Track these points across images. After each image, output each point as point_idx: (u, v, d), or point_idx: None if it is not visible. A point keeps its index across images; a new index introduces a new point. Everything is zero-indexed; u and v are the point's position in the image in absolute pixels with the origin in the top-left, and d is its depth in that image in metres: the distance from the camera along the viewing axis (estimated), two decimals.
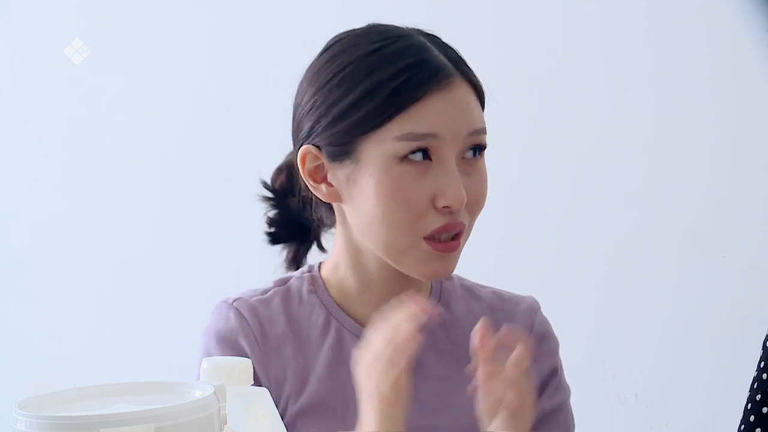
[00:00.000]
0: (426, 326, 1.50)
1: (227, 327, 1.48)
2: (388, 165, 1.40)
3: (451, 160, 1.41)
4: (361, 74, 1.41)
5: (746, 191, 2.54)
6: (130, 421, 0.88)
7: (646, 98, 2.59)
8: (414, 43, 1.44)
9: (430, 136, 1.39)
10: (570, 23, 2.63)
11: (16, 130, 3.00)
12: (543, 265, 2.65)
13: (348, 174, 1.43)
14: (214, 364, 1.10)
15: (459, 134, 1.41)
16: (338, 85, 1.42)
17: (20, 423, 0.90)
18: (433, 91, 1.40)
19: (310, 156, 1.46)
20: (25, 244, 3.00)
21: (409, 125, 1.39)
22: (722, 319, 2.55)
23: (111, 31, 2.92)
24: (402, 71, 1.40)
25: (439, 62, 1.42)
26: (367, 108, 1.40)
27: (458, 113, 1.41)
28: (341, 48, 1.46)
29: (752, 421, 1.55)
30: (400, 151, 1.39)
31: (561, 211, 2.64)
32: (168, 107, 2.89)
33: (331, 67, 1.44)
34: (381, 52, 1.42)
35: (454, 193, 1.40)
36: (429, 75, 1.41)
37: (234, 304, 1.50)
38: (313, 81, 1.46)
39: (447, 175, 1.40)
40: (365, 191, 1.41)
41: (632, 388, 2.60)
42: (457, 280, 1.58)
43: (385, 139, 1.40)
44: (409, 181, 1.40)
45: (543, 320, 1.57)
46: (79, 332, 2.95)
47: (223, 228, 2.85)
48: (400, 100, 1.39)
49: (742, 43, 2.51)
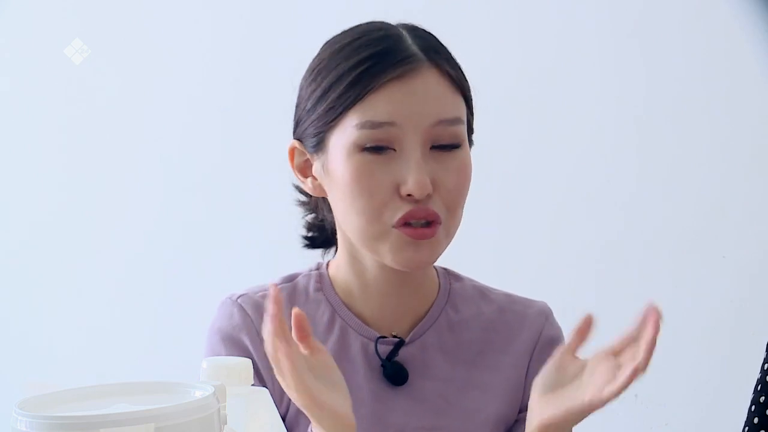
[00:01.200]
0: (434, 327, 1.50)
1: (230, 324, 1.49)
2: (351, 153, 1.41)
3: (414, 149, 1.40)
4: (330, 67, 1.44)
5: (746, 191, 2.54)
6: (130, 421, 0.88)
7: (645, 98, 2.59)
8: (385, 35, 1.45)
9: (388, 124, 1.40)
10: (565, 23, 2.63)
11: (16, 130, 3.00)
12: (542, 265, 2.65)
13: (323, 164, 1.45)
14: (214, 364, 1.10)
15: (422, 123, 1.41)
16: (314, 80, 1.46)
17: (20, 423, 0.90)
18: (393, 79, 1.40)
19: (297, 151, 1.49)
20: (26, 244, 3.00)
21: (368, 113, 1.41)
22: (722, 319, 2.55)
23: (111, 31, 2.91)
24: (364, 60, 1.42)
25: (404, 51, 1.42)
26: (330, 98, 1.42)
27: (421, 102, 1.41)
28: (327, 45, 1.49)
29: (756, 423, 1.54)
30: (360, 139, 1.41)
31: (560, 211, 2.64)
32: (168, 107, 2.89)
33: (315, 62, 1.48)
34: (352, 44, 1.44)
35: (416, 180, 1.39)
36: (389, 64, 1.41)
37: (238, 300, 1.51)
38: (303, 80, 1.50)
39: (408, 163, 1.40)
40: (335, 181, 1.43)
41: (632, 388, 2.60)
42: (467, 282, 1.57)
43: (347, 127, 1.41)
44: (372, 169, 1.40)
45: (554, 325, 1.56)
46: (79, 332, 2.95)
47: (223, 228, 2.85)
48: (358, 88, 1.41)
49: (741, 42, 2.51)
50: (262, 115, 2.77)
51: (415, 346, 1.49)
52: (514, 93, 2.60)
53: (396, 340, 1.48)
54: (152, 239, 2.90)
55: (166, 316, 2.88)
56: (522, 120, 2.64)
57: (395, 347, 1.48)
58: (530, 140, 2.66)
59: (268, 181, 2.71)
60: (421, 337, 1.50)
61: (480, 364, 1.50)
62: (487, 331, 1.52)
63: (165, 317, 2.88)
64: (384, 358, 1.47)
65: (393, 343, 1.48)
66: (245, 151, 2.82)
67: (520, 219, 2.66)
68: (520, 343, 1.52)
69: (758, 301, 2.53)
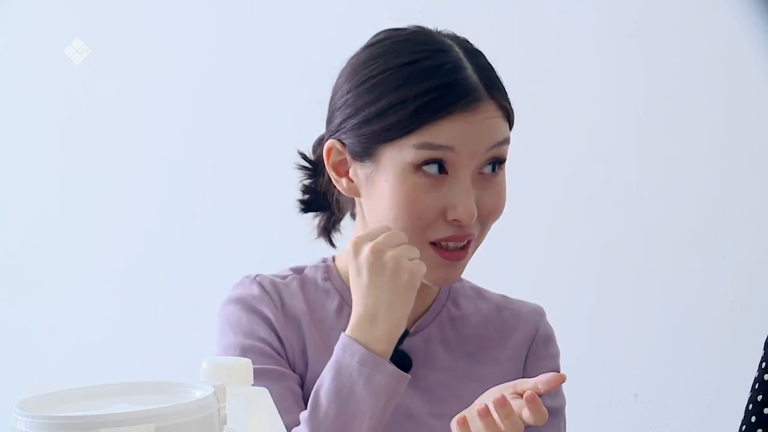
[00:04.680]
0: (436, 321, 1.56)
1: (251, 294, 1.53)
2: (404, 173, 1.45)
3: (466, 175, 1.45)
4: (392, 85, 1.45)
5: (746, 191, 2.54)
6: (130, 421, 0.88)
7: (645, 98, 2.59)
8: (449, 61, 1.47)
9: (446, 148, 1.44)
10: (565, 23, 2.63)
11: (16, 130, 3.00)
12: (542, 266, 2.65)
13: (367, 174, 1.48)
14: (214, 364, 1.10)
15: (477, 151, 1.45)
16: (369, 91, 1.47)
17: (20, 423, 0.90)
18: (457, 112, 1.44)
19: (335, 150, 1.51)
20: (26, 244, 3.00)
21: (428, 137, 1.44)
22: (722, 318, 2.55)
23: (111, 31, 2.91)
24: (431, 90, 1.44)
25: (469, 84, 1.46)
26: (392, 119, 1.45)
27: (480, 133, 1.45)
28: (381, 50, 1.50)
29: (753, 422, 1.55)
30: (417, 159, 1.44)
31: (560, 211, 2.64)
32: (168, 107, 2.89)
33: (368, 68, 1.49)
34: (415, 65, 1.46)
35: (465, 207, 1.44)
36: (456, 97, 1.44)
37: (256, 278, 1.56)
38: (350, 78, 1.50)
39: (459, 189, 1.45)
40: (381, 194, 1.47)
41: (632, 388, 2.60)
42: (466, 282, 1.63)
43: (404, 146, 1.44)
44: (422, 192, 1.45)
45: (548, 324, 1.62)
46: (79, 332, 2.94)
47: (223, 228, 2.85)
48: (424, 116, 1.43)
49: (741, 42, 2.51)
50: (263, 115, 2.77)
51: (418, 337, 1.55)
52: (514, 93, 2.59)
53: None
54: (152, 239, 2.90)
55: (166, 316, 2.88)
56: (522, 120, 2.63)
57: (401, 337, 1.50)
58: (530, 140, 2.65)
59: (268, 181, 2.72)
60: (424, 329, 1.56)
61: (480, 357, 1.56)
62: (486, 327, 1.59)
63: (165, 317, 2.88)
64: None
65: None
66: (245, 151, 2.82)
67: (520, 219, 2.66)
68: (518, 338, 1.59)
69: (758, 301, 2.53)
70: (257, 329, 1.51)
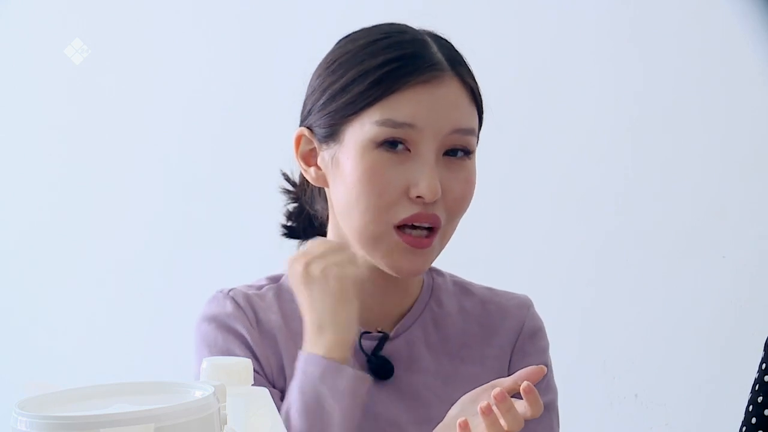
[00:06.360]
0: (418, 322, 1.52)
1: (224, 312, 1.50)
2: (366, 149, 1.43)
3: (429, 153, 1.43)
4: (355, 61, 1.46)
5: (745, 191, 2.54)
6: (130, 421, 0.88)
7: (643, 98, 2.59)
8: (413, 39, 1.47)
9: (407, 125, 1.43)
10: (563, 23, 2.63)
11: (16, 130, 3.00)
12: (540, 265, 2.65)
13: (332, 155, 1.47)
14: (214, 364, 1.10)
15: (440, 129, 1.43)
16: (334, 71, 1.47)
17: (20, 423, 0.90)
18: (418, 83, 1.43)
19: (304, 139, 1.51)
20: (25, 244, 3.00)
21: (389, 112, 1.43)
22: (722, 319, 2.55)
23: (111, 31, 2.91)
24: (391, 61, 1.44)
25: (431, 57, 1.45)
26: (353, 92, 1.44)
27: (442, 109, 1.44)
28: (348, 39, 1.50)
29: (754, 423, 1.55)
30: (378, 136, 1.43)
31: (558, 210, 2.64)
32: (168, 107, 2.89)
33: (334, 54, 1.49)
34: (377, 43, 1.46)
35: (428, 183, 1.42)
36: (416, 67, 1.43)
37: (230, 293, 1.53)
38: (318, 68, 1.51)
39: (422, 166, 1.43)
40: (344, 173, 1.45)
41: (632, 388, 2.60)
42: (448, 277, 1.60)
43: (365, 123, 1.43)
44: (384, 168, 1.43)
45: (535, 316, 1.59)
46: (79, 332, 2.95)
47: (222, 227, 2.85)
48: (383, 87, 1.43)
49: (741, 42, 2.51)
50: (262, 115, 2.77)
51: (400, 340, 1.52)
52: (511, 93, 2.59)
53: (380, 335, 1.51)
54: (152, 239, 2.90)
55: (166, 316, 2.88)
56: (520, 120, 2.64)
57: (380, 342, 1.50)
58: (528, 140, 2.66)
59: (267, 181, 2.71)
60: (406, 332, 1.53)
61: (465, 356, 1.54)
62: (470, 324, 1.56)
63: (165, 317, 2.88)
64: (369, 353, 1.49)
65: (377, 338, 1.50)
66: (245, 151, 2.82)
67: (516, 218, 2.66)
68: (503, 334, 1.56)
69: (758, 301, 2.53)
70: (232, 348, 1.49)
